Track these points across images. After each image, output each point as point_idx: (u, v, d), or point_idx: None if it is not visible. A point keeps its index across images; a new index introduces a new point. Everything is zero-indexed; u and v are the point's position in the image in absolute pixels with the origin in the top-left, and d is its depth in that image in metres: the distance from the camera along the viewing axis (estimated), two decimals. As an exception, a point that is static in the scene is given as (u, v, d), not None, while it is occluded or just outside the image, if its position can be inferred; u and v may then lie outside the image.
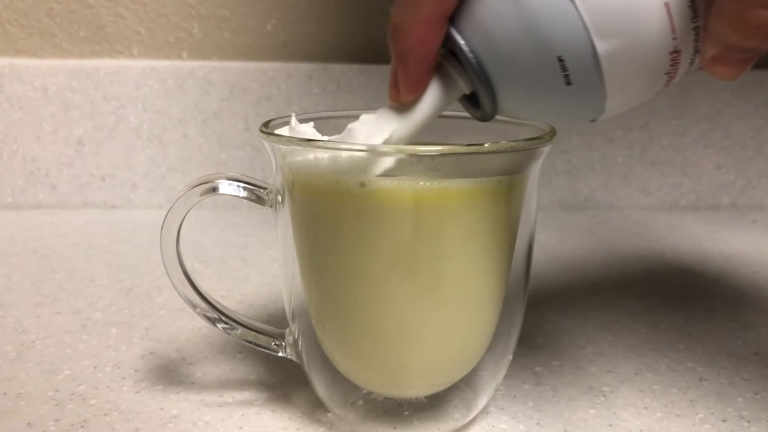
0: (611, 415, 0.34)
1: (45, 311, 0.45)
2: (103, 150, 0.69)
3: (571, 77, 0.24)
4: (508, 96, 0.25)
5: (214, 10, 0.69)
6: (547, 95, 0.25)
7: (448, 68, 0.26)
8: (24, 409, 0.33)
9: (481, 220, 0.28)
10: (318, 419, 0.33)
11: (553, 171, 0.72)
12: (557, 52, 0.23)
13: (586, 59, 0.23)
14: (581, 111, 0.26)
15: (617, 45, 0.23)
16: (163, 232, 0.31)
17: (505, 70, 0.25)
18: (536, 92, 0.25)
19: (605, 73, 0.24)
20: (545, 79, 0.24)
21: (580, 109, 0.25)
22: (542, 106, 0.26)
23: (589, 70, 0.24)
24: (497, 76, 0.25)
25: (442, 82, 0.26)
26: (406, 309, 0.29)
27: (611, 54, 0.23)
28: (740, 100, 0.72)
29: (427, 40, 0.24)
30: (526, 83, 0.25)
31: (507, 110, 0.26)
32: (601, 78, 0.24)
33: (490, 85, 0.25)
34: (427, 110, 0.26)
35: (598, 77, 0.24)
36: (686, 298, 0.48)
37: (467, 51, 0.24)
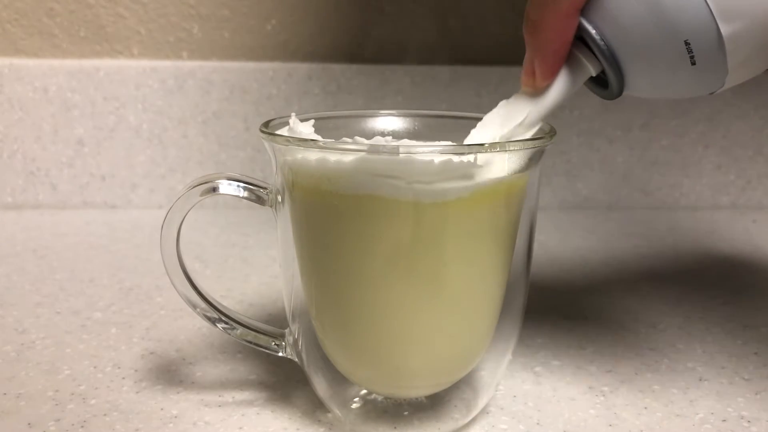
0: (611, 415, 0.34)
1: (45, 311, 0.45)
2: (103, 150, 0.69)
3: (696, 58, 0.26)
4: (635, 76, 0.27)
5: (214, 10, 0.69)
6: (673, 74, 0.27)
7: (577, 54, 0.28)
8: (24, 409, 0.33)
9: (481, 221, 0.28)
10: (318, 419, 0.33)
11: (553, 171, 0.72)
12: (684, 36, 0.25)
13: (711, 41, 0.25)
14: (702, 86, 0.28)
15: (740, 26, 0.25)
16: (163, 232, 0.31)
17: (633, 53, 0.27)
18: (662, 72, 0.27)
19: (728, 53, 0.26)
20: (672, 61, 0.26)
21: (702, 84, 0.27)
22: (666, 84, 0.28)
23: (713, 51, 0.26)
24: (626, 59, 0.27)
25: (571, 67, 0.28)
26: (405, 309, 0.29)
27: (735, 35, 0.25)
28: (740, 100, 0.72)
29: (563, 32, 0.27)
30: (653, 65, 0.27)
31: (633, 89, 0.28)
32: (724, 57, 0.26)
33: (619, 67, 0.27)
34: (559, 93, 0.28)
35: (722, 57, 0.26)
36: (686, 298, 0.48)
37: (598, 39, 0.27)
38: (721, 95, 0.71)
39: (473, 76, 0.69)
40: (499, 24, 0.70)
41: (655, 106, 0.72)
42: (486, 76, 0.69)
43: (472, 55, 0.71)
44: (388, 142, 0.27)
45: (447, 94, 0.69)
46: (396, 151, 0.26)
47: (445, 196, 0.27)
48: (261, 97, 0.69)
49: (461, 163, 0.26)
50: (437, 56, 0.71)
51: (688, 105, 0.72)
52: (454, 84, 0.69)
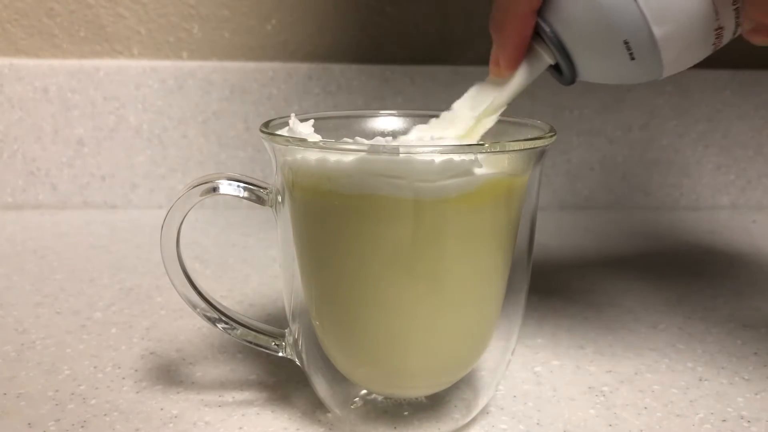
0: (611, 415, 0.34)
1: (45, 311, 0.45)
2: (103, 150, 0.69)
3: (634, 54, 0.30)
4: (584, 66, 0.32)
5: (214, 10, 0.69)
6: (616, 66, 0.31)
7: (536, 47, 0.32)
8: (24, 409, 0.33)
9: (482, 220, 0.28)
10: (318, 419, 0.33)
11: (553, 171, 0.72)
12: (623, 37, 0.29)
13: (646, 42, 0.29)
14: (643, 76, 0.32)
15: (671, 29, 0.29)
16: (163, 232, 0.31)
17: (581, 48, 0.31)
18: (607, 64, 0.31)
19: (662, 51, 0.29)
20: (614, 56, 0.30)
21: (643, 75, 0.31)
22: (611, 73, 0.32)
23: (649, 50, 0.30)
24: (575, 52, 0.31)
25: (532, 58, 0.32)
26: (405, 309, 0.29)
27: (666, 36, 0.29)
28: (740, 100, 0.72)
29: (522, 30, 0.31)
30: (598, 59, 0.31)
31: (583, 76, 0.33)
32: (658, 54, 0.30)
33: (569, 59, 0.31)
34: (521, 80, 0.33)
35: (657, 54, 0.30)
36: (686, 298, 0.48)
37: (551, 35, 0.31)
38: (721, 95, 0.72)
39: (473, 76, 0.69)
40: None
41: (655, 106, 0.72)
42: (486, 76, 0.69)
43: (472, 55, 0.71)
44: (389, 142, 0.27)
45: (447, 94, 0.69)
46: (396, 151, 0.26)
47: (446, 194, 0.27)
48: (261, 97, 0.69)
49: (462, 162, 0.26)
50: (437, 56, 0.71)
51: (688, 105, 0.72)
52: (454, 84, 0.69)
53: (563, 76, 0.33)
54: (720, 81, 0.72)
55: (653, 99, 0.72)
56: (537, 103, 0.70)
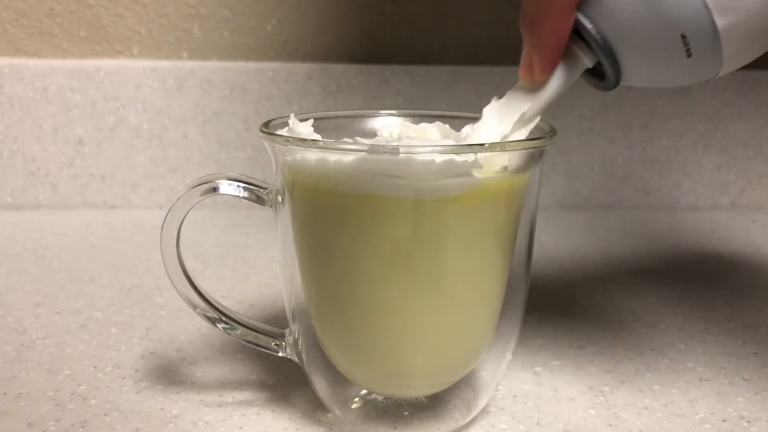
0: (611, 415, 0.34)
1: (45, 311, 0.45)
2: (103, 150, 0.69)
3: (692, 50, 0.27)
4: (631, 68, 0.28)
5: (214, 10, 0.69)
6: (669, 66, 0.28)
7: (573, 47, 0.28)
8: (24, 409, 0.33)
9: (482, 220, 0.28)
10: (318, 419, 0.33)
11: (553, 171, 0.72)
12: (680, 30, 0.26)
13: (707, 35, 0.26)
14: (697, 76, 0.28)
15: (735, 19, 0.26)
16: (163, 232, 0.31)
17: (629, 46, 0.27)
18: (658, 64, 0.28)
19: (723, 45, 0.26)
20: (668, 53, 0.27)
21: (696, 74, 0.28)
22: (662, 74, 0.29)
23: (709, 44, 0.26)
24: (622, 52, 0.28)
25: (568, 60, 0.29)
26: (406, 309, 0.29)
27: (730, 28, 0.26)
28: (740, 100, 0.72)
29: (560, 28, 0.27)
30: (649, 57, 0.27)
31: (629, 80, 0.29)
32: (719, 49, 0.26)
33: (615, 60, 0.28)
34: (557, 86, 0.29)
35: (717, 49, 0.26)
36: (686, 298, 0.48)
37: (595, 33, 0.27)
38: (721, 95, 0.72)
39: (473, 76, 0.69)
40: (499, 24, 0.70)
41: (655, 106, 0.72)
42: (486, 76, 0.69)
43: (472, 55, 0.71)
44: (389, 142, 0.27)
45: (447, 94, 0.69)
46: (396, 151, 0.26)
47: (446, 194, 0.27)
48: (261, 97, 0.69)
49: (462, 163, 0.26)
50: (437, 56, 0.71)
51: (689, 105, 0.72)
52: (454, 84, 0.69)
53: (605, 80, 0.29)
54: (720, 81, 0.72)
55: (653, 99, 0.72)
56: (537, 103, 0.70)
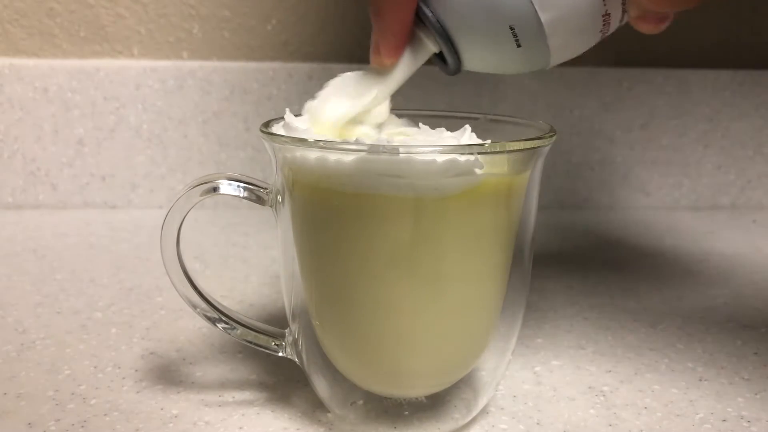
0: (611, 415, 0.34)
1: (45, 311, 0.45)
2: (103, 150, 0.69)
3: (520, 41, 0.29)
4: (468, 55, 0.31)
5: (214, 10, 0.69)
6: (502, 54, 0.30)
7: (419, 34, 0.31)
8: (24, 409, 0.33)
9: (482, 219, 0.28)
10: (318, 419, 0.33)
11: (553, 171, 0.72)
12: (509, 22, 0.29)
13: (533, 27, 0.29)
14: (530, 65, 0.31)
15: (557, 14, 0.28)
16: (163, 232, 0.31)
17: (465, 35, 0.30)
18: (492, 52, 0.30)
19: (548, 37, 0.29)
20: (500, 43, 0.29)
21: (529, 63, 0.30)
22: (497, 62, 0.31)
23: (535, 36, 0.29)
24: (460, 39, 0.30)
25: (415, 46, 0.31)
26: (405, 309, 0.29)
27: (553, 22, 0.28)
28: (740, 100, 0.72)
29: (402, 16, 0.30)
30: (483, 45, 0.30)
31: (468, 65, 0.31)
32: (545, 41, 0.29)
33: (453, 46, 0.30)
34: (404, 70, 0.31)
35: (543, 40, 0.29)
36: (686, 298, 0.48)
37: (434, 21, 0.30)
38: (721, 95, 0.72)
39: (473, 76, 0.69)
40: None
41: (655, 106, 0.72)
42: (486, 76, 0.69)
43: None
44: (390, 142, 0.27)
45: (447, 94, 0.69)
46: (396, 151, 0.26)
47: (446, 194, 0.27)
48: (261, 97, 0.69)
49: (462, 162, 0.26)
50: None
51: (689, 105, 0.72)
52: (454, 84, 0.69)
53: (447, 65, 0.31)
54: (720, 81, 0.72)
55: (653, 99, 0.72)
56: (537, 103, 0.70)
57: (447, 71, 0.32)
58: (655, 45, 0.72)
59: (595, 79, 0.71)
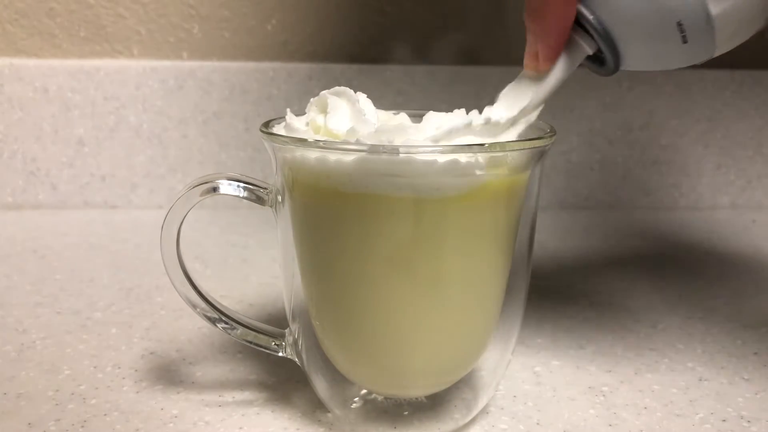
0: (611, 415, 0.34)
1: (45, 311, 0.45)
2: (103, 150, 0.69)
3: (687, 37, 0.28)
4: (629, 54, 0.30)
5: (214, 10, 0.69)
6: (665, 51, 0.29)
7: (574, 36, 0.30)
8: (24, 409, 0.33)
9: (482, 219, 0.28)
10: (318, 419, 0.33)
11: (553, 171, 0.72)
12: (676, 18, 0.28)
13: (702, 21, 0.28)
14: (691, 60, 0.30)
15: (727, 6, 0.27)
16: (163, 232, 0.31)
17: (628, 34, 0.29)
18: (655, 50, 0.29)
19: (717, 31, 0.28)
20: (664, 40, 0.29)
21: (691, 58, 0.30)
22: (658, 59, 0.30)
23: (703, 30, 0.28)
24: (621, 39, 0.29)
25: (570, 49, 0.30)
26: (406, 309, 0.29)
27: (723, 14, 0.28)
28: (740, 100, 0.72)
29: (564, 18, 0.29)
30: (647, 44, 0.29)
31: (627, 65, 0.31)
32: (713, 35, 0.28)
33: (615, 47, 0.30)
34: (560, 74, 0.31)
35: (711, 34, 0.28)
36: (686, 298, 0.48)
37: (596, 23, 0.29)
38: (721, 95, 0.72)
39: (473, 76, 0.69)
40: (498, 24, 0.70)
41: (655, 106, 0.72)
42: (486, 76, 0.69)
43: (472, 55, 0.71)
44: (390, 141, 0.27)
45: (447, 94, 0.69)
46: (396, 151, 0.26)
47: (447, 194, 0.27)
48: (261, 97, 0.69)
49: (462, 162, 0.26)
50: (437, 56, 0.71)
51: (689, 105, 0.72)
52: (454, 84, 0.69)
53: (605, 66, 0.31)
54: (720, 81, 0.72)
55: (653, 99, 0.72)
56: (537, 103, 0.70)
57: (602, 72, 0.32)
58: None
59: (595, 79, 0.71)
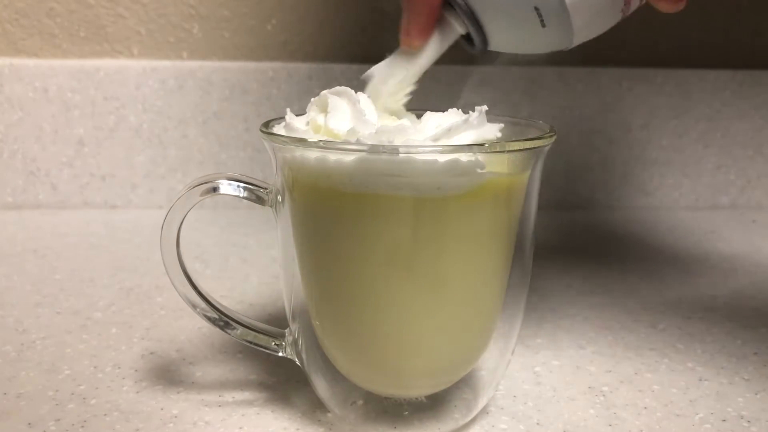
0: (611, 415, 0.34)
1: (45, 311, 0.45)
2: (103, 150, 0.69)
3: (545, 21, 0.30)
4: (494, 35, 0.32)
5: (214, 10, 0.69)
6: (527, 34, 0.31)
7: (447, 17, 0.32)
8: (24, 409, 0.33)
9: (481, 219, 0.28)
10: (318, 419, 0.33)
11: (553, 171, 0.72)
12: (533, 3, 0.30)
13: (557, 8, 0.30)
14: (554, 44, 0.32)
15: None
16: (163, 232, 0.31)
17: (492, 16, 0.31)
18: (518, 32, 0.32)
19: (572, 17, 0.30)
20: (525, 23, 0.31)
21: (553, 42, 0.32)
22: (523, 42, 0.32)
23: (560, 16, 0.30)
24: (486, 20, 0.31)
25: (443, 28, 0.32)
26: (405, 309, 0.29)
27: (576, 2, 0.30)
28: (740, 100, 0.72)
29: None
30: (509, 25, 0.31)
31: (494, 46, 0.33)
32: (569, 20, 0.30)
33: (480, 27, 0.32)
34: (433, 51, 0.33)
35: (567, 20, 0.30)
36: (686, 298, 0.48)
37: (462, 3, 0.31)
38: (721, 95, 0.72)
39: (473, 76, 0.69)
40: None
41: (655, 106, 0.72)
42: (486, 76, 0.69)
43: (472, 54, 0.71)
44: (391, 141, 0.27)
45: (447, 94, 0.69)
46: (396, 151, 0.26)
47: (446, 193, 0.27)
48: (261, 97, 0.69)
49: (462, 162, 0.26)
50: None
51: (688, 105, 0.72)
52: (454, 84, 0.69)
53: (474, 45, 0.33)
54: (720, 81, 0.72)
55: (653, 99, 0.72)
56: (537, 103, 0.70)
57: (473, 51, 0.33)
58: (655, 45, 0.72)
59: (595, 79, 0.71)
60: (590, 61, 0.71)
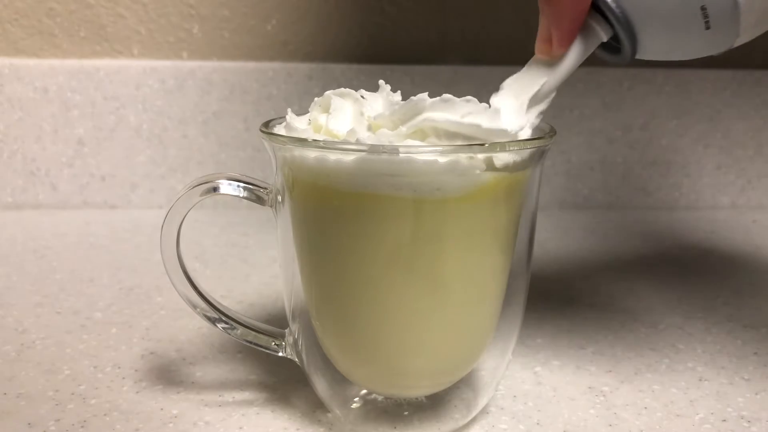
0: (611, 415, 0.34)
1: (45, 311, 0.45)
2: (103, 150, 0.69)
3: (711, 23, 0.27)
4: (648, 40, 0.28)
5: (214, 10, 0.69)
6: (686, 38, 0.28)
7: (589, 21, 0.29)
8: (24, 409, 0.33)
9: (481, 219, 0.28)
10: (318, 419, 0.33)
11: (553, 171, 0.72)
12: (701, 2, 0.26)
13: (727, 7, 0.26)
14: (712, 48, 0.28)
15: None
16: (163, 232, 0.31)
17: (648, 18, 0.28)
18: (675, 36, 0.28)
19: (742, 17, 0.26)
20: (686, 25, 0.27)
21: (712, 47, 0.28)
22: (678, 47, 0.29)
23: (728, 16, 0.26)
24: (640, 24, 0.28)
25: (584, 34, 0.29)
26: (405, 309, 0.29)
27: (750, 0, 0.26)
28: (740, 100, 0.72)
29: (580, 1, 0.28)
30: (667, 29, 0.28)
31: (644, 53, 0.29)
32: (738, 21, 0.27)
33: (633, 33, 0.28)
34: (573, 60, 0.29)
35: (736, 21, 0.27)
36: (686, 298, 0.48)
37: (614, 6, 0.28)
38: (721, 95, 0.72)
39: (473, 76, 0.69)
40: (499, 24, 0.70)
41: (655, 106, 0.72)
42: (486, 76, 0.69)
43: (472, 55, 0.71)
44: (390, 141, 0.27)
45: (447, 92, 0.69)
46: (396, 151, 0.26)
47: (446, 193, 0.27)
48: (261, 97, 0.69)
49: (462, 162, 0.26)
50: (437, 56, 0.71)
51: (689, 105, 0.72)
52: (454, 84, 0.69)
53: (621, 53, 0.29)
54: (720, 81, 0.72)
55: (653, 99, 0.72)
56: (537, 103, 0.70)
57: (618, 60, 0.30)
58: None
59: (595, 79, 0.71)
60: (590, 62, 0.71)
